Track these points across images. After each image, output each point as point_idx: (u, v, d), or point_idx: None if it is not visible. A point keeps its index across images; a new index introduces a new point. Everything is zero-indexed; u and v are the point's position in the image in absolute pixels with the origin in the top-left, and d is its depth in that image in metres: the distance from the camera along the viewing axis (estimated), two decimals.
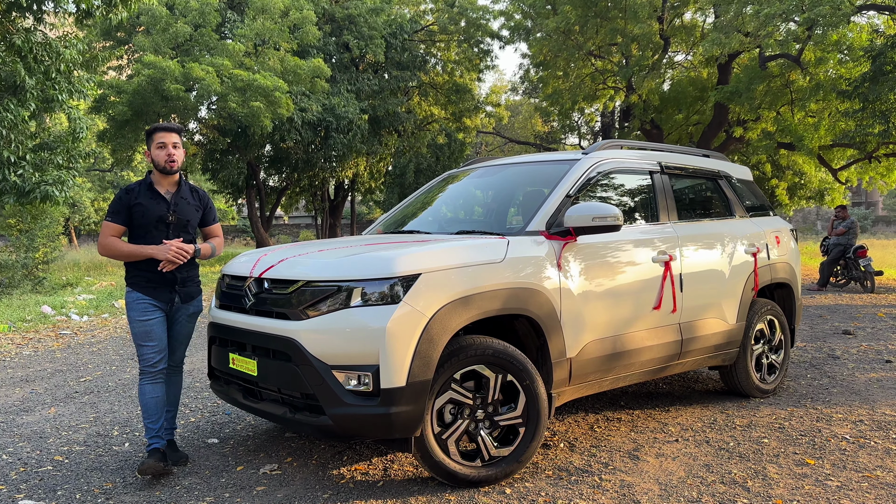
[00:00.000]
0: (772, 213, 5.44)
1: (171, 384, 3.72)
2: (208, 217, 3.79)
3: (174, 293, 3.57)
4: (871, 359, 6.16)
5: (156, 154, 3.54)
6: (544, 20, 18.32)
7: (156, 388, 3.50)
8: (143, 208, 3.50)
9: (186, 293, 3.64)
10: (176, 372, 3.77)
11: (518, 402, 3.30)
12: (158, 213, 3.52)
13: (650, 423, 4.27)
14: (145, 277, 3.51)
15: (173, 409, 3.76)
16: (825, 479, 3.33)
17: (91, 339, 8.10)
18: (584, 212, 3.53)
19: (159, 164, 3.54)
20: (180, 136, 3.63)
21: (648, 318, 3.98)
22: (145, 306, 3.49)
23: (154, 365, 3.49)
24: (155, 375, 3.50)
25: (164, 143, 3.52)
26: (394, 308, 2.97)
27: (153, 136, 3.56)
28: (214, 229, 3.84)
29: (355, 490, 3.26)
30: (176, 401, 3.78)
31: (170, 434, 3.73)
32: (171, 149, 3.53)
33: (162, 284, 3.52)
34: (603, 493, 3.17)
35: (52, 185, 10.22)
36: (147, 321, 3.48)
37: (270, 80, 15.91)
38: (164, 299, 3.54)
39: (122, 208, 3.50)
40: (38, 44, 9.73)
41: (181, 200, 3.62)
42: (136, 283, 3.52)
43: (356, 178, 26.00)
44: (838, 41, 14.41)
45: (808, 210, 42.98)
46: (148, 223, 3.50)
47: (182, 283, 3.59)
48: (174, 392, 3.75)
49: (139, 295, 3.50)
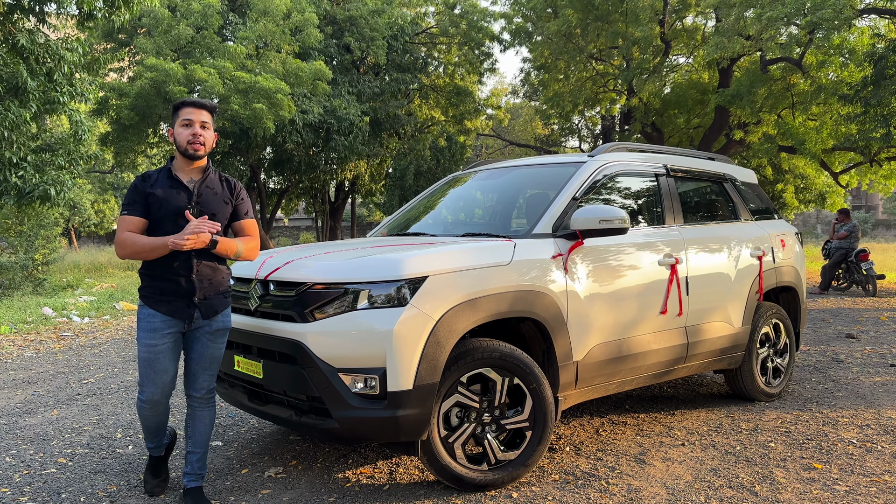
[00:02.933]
0: (776, 216, 5.44)
1: (197, 419, 3.12)
2: (240, 211, 3.14)
3: (192, 308, 2.97)
4: (876, 363, 6.14)
5: (179, 133, 2.97)
6: (545, 23, 18.32)
7: (157, 417, 3.12)
8: (158, 199, 2.93)
9: (208, 307, 3.01)
10: (203, 406, 3.13)
11: (525, 406, 3.29)
12: (177, 204, 2.93)
13: (656, 427, 4.25)
14: (159, 288, 2.95)
15: (199, 450, 3.11)
16: (833, 484, 3.31)
17: (92, 340, 8.08)
18: (590, 214, 3.52)
19: (181, 146, 2.96)
20: (212, 116, 3.05)
21: (654, 322, 3.97)
22: (155, 325, 2.94)
23: (154, 403, 3.01)
24: (156, 408, 3.06)
25: (191, 120, 2.96)
26: (401, 310, 2.95)
27: (179, 111, 3.00)
28: (246, 226, 3.17)
29: (361, 493, 3.24)
30: (204, 441, 3.13)
31: (195, 480, 3.12)
32: (197, 128, 2.96)
33: (178, 296, 2.95)
34: (610, 498, 3.16)
35: (51, 186, 10.20)
36: (153, 346, 2.93)
37: (272, 82, 15.91)
38: (180, 316, 2.96)
39: (137, 197, 2.93)
40: (41, 45, 9.72)
41: (206, 190, 3.02)
42: (148, 297, 2.97)
43: (357, 181, 25.99)
44: (840, 45, 14.40)
45: (808, 214, 42.99)
46: (164, 217, 2.93)
47: (203, 295, 2.99)
48: (201, 430, 3.12)
49: (150, 311, 2.95)
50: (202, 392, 3.12)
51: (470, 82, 24.77)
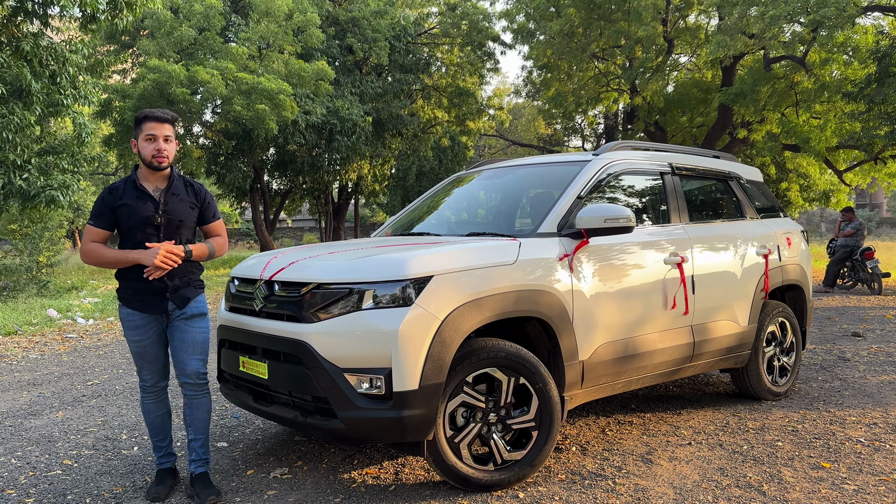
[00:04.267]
0: (782, 214, 5.41)
1: (194, 408, 3.28)
2: (207, 214, 3.33)
3: (165, 301, 3.17)
4: (882, 361, 6.11)
5: (143, 147, 3.12)
6: (547, 23, 18.30)
7: (159, 406, 3.33)
8: (128, 209, 3.10)
9: (181, 297, 3.21)
10: (197, 392, 3.28)
11: (531, 406, 3.27)
12: (145, 213, 3.11)
13: (662, 427, 4.23)
14: (132, 289, 3.14)
15: (200, 436, 3.30)
16: (841, 483, 3.29)
17: (97, 342, 8.09)
18: (595, 213, 3.50)
19: (146, 159, 3.12)
20: (174, 128, 3.20)
21: (660, 321, 3.95)
22: (136, 323, 3.18)
23: (153, 385, 3.29)
24: (157, 394, 3.32)
25: (155, 135, 3.11)
26: (406, 310, 2.94)
27: (142, 124, 3.13)
28: (215, 227, 3.37)
29: (367, 494, 3.23)
30: (203, 426, 3.31)
31: (201, 466, 3.29)
32: (161, 142, 3.11)
33: (151, 294, 3.14)
34: (617, 498, 3.14)
35: (57, 190, 10.22)
36: (139, 342, 3.20)
37: (275, 82, 15.93)
38: (156, 311, 3.17)
39: (105, 210, 3.12)
40: (44, 48, 9.75)
41: (172, 198, 3.19)
42: (124, 297, 3.19)
43: (360, 181, 26.01)
44: (843, 42, 14.36)
45: (812, 212, 42.86)
46: (134, 226, 3.11)
47: (174, 290, 3.18)
48: (199, 416, 3.29)
49: (129, 311, 3.18)
50: (193, 378, 3.26)
51: (472, 82, 24.77)
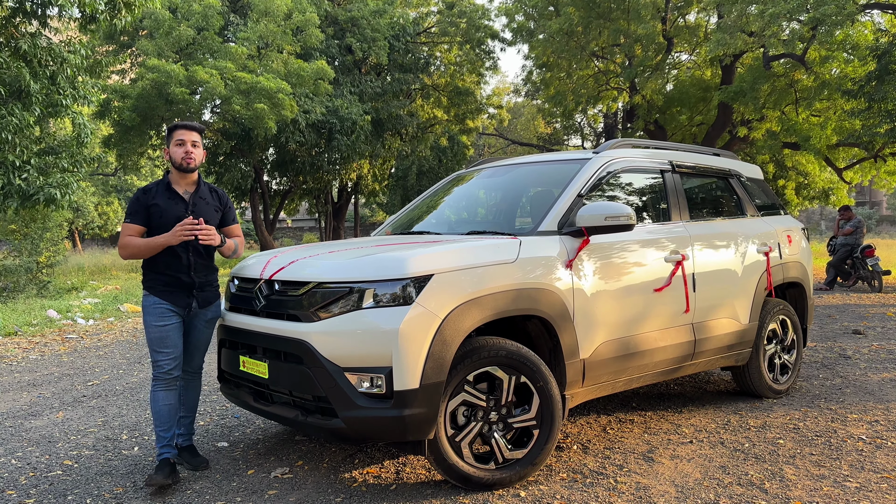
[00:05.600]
0: (783, 212, 5.40)
1: (189, 389, 3.71)
2: (228, 217, 3.75)
3: (191, 297, 3.52)
4: (884, 358, 6.11)
5: (174, 151, 3.52)
6: (547, 21, 18.27)
7: (169, 396, 3.46)
8: (160, 209, 3.47)
9: (204, 298, 3.59)
10: (194, 378, 3.73)
11: (532, 404, 3.26)
12: (176, 213, 3.48)
13: (663, 425, 4.23)
14: (163, 281, 3.47)
15: (191, 414, 3.74)
16: (843, 481, 3.28)
17: (97, 342, 8.08)
18: (596, 211, 3.49)
19: (176, 162, 3.51)
20: (201, 136, 3.62)
21: (661, 319, 3.94)
22: (162, 311, 3.45)
23: (168, 372, 3.45)
24: (169, 383, 3.46)
25: (184, 140, 3.51)
26: (406, 309, 2.93)
27: (173, 133, 3.54)
28: (234, 229, 3.80)
29: (367, 494, 3.22)
30: (194, 406, 3.76)
31: (188, 440, 3.72)
32: (189, 146, 3.51)
33: (179, 288, 3.48)
34: (619, 496, 3.13)
35: (56, 189, 10.21)
36: (163, 326, 3.44)
37: (274, 82, 15.90)
38: (181, 304, 3.49)
39: (140, 209, 3.47)
40: (43, 49, 9.73)
41: (199, 200, 3.58)
42: (153, 287, 3.48)
43: (359, 181, 25.99)
44: (843, 40, 14.33)
45: (811, 210, 42.85)
46: (166, 224, 3.45)
47: (200, 288, 3.54)
48: (192, 398, 3.73)
49: (156, 299, 3.46)
50: (195, 368, 3.73)
51: (471, 81, 24.74)
